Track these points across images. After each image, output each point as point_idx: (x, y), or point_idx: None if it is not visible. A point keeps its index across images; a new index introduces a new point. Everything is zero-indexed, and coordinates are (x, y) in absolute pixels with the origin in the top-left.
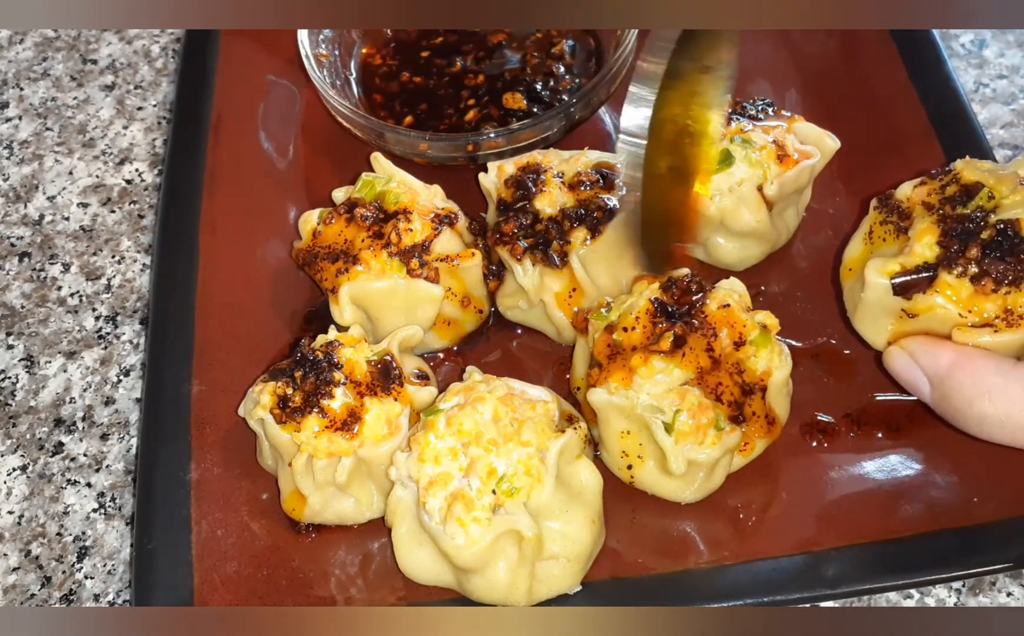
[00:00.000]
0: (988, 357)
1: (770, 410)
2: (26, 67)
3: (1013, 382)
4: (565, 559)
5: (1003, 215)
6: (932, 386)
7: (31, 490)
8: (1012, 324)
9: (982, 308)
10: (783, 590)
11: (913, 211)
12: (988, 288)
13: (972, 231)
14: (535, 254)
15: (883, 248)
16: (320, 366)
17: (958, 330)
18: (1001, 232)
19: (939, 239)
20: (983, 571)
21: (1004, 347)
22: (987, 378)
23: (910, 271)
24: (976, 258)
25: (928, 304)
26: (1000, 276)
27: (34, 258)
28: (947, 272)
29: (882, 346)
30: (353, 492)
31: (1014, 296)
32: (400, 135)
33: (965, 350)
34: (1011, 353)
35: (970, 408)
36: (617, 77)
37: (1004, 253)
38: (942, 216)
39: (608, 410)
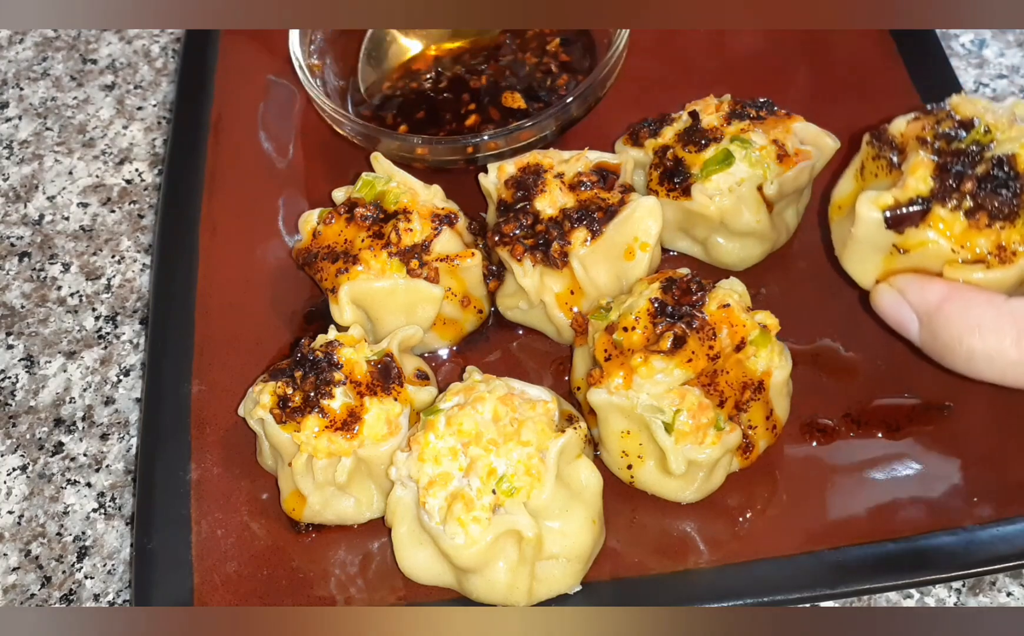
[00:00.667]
0: (978, 291)
1: (770, 410)
2: (26, 67)
3: (1004, 316)
4: (565, 559)
5: (999, 150)
6: (921, 323)
7: (31, 490)
8: (1005, 260)
9: (975, 244)
10: (783, 590)
11: (907, 146)
12: (982, 223)
13: (967, 165)
14: (535, 254)
15: (875, 184)
16: (320, 366)
17: (949, 266)
18: (997, 166)
19: (933, 173)
20: (983, 571)
21: (996, 284)
22: (977, 312)
23: (903, 204)
24: (971, 192)
25: (920, 238)
26: (995, 211)
27: (34, 258)
28: (941, 205)
29: (870, 285)
30: (353, 492)
31: (1008, 232)
32: (399, 141)
33: (955, 285)
34: (1003, 291)
35: (959, 344)
36: (613, 73)
37: (999, 187)
38: (937, 150)
39: (608, 410)
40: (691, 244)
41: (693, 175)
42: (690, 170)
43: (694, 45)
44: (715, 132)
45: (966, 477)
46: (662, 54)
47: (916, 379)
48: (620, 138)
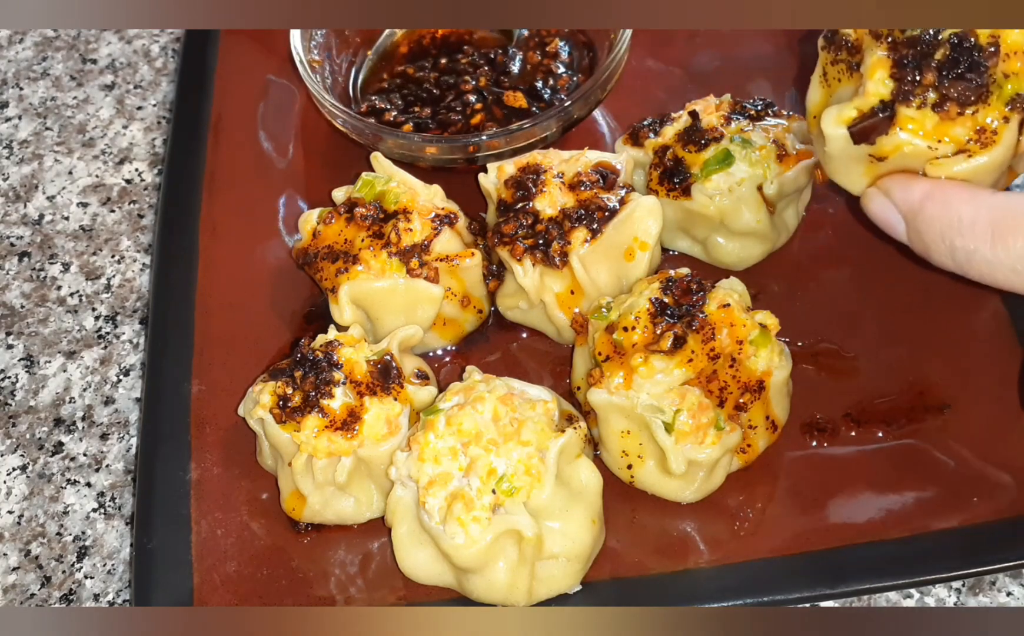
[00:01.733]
0: (961, 187)
1: (770, 410)
2: (26, 67)
3: (981, 211)
4: (565, 559)
5: (954, 28)
6: (906, 223)
7: (31, 490)
8: (986, 143)
9: (952, 135)
10: (783, 590)
11: (862, 43)
12: (953, 112)
13: (924, 53)
14: (535, 254)
15: (839, 90)
16: (320, 366)
17: (931, 164)
18: (955, 47)
19: (891, 71)
20: (983, 571)
21: (982, 171)
22: (958, 208)
23: (866, 115)
24: (933, 83)
25: (894, 144)
26: (962, 96)
27: (34, 258)
28: (905, 106)
29: (861, 191)
30: (353, 492)
31: (983, 111)
32: (399, 139)
33: (937, 182)
34: (991, 176)
35: (942, 242)
36: (614, 75)
37: (963, 70)
38: (892, 44)
39: (608, 410)
40: (691, 244)
41: (693, 175)
42: (690, 170)
43: (694, 45)
44: (715, 132)
45: (966, 477)
46: (662, 54)
47: (916, 379)
48: (620, 138)
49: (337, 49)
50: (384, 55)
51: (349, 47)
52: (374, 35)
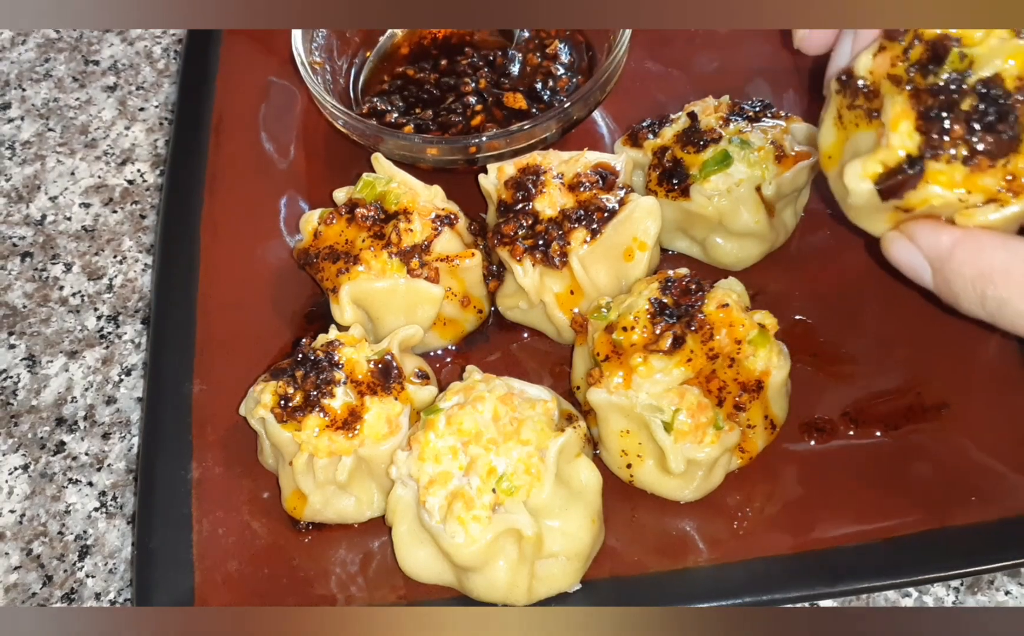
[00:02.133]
0: (991, 235)
1: (768, 409)
2: (28, 68)
3: (1018, 261)
4: (565, 558)
5: (980, 72)
6: (934, 270)
7: (32, 489)
8: (1018, 191)
9: (982, 185)
10: (782, 589)
11: (880, 88)
12: (984, 164)
13: (951, 103)
14: (535, 255)
15: (857, 135)
16: (321, 365)
17: (960, 215)
18: (983, 97)
19: (917, 124)
20: (982, 570)
21: (1014, 220)
22: (991, 256)
23: (894, 171)
24: (963, 136)
25: (923, 197)
26: (994, 149)
27: (36, 258)
28: (935, 161)
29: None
30: (354, 491)
31: (1014, 161)
32: (400, 140)
33: (967, 230)
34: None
35: (973, 290)
36: (613, 76)
37: (993, 121)
38: (914, 92)
39: (608, 409)
40: (690, 244)
41: (692, 176)
42: (689, 171)
43: (693, 46)
44: (713, 133)
45: (965, 477)
46: (661, 55)
47: (915, 379)
48: (619, 139)
49: (338, 50)
50: (385, 56)
51: (350, 48)
52: (375, 36)
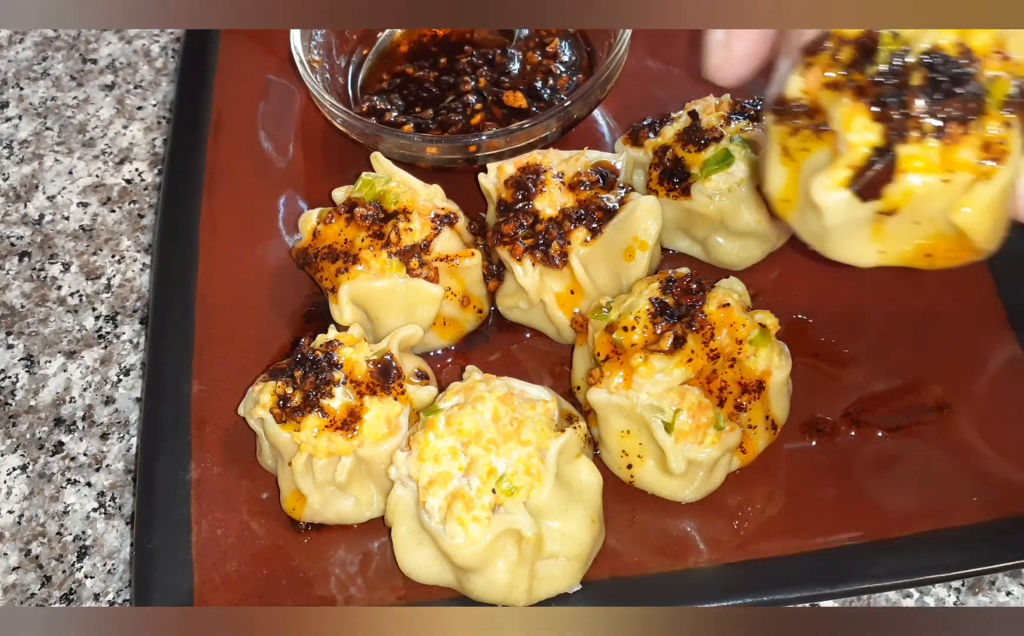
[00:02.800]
0: None
1: (769, 410)
2: (26, 67)
3: None
4: (565, 558)
5: (920, 44)
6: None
7: (31, 489)
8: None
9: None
10: (783, 589)
11: (818, 101)
12: (957, 134)
13: (901, 83)
14: (535, 254)
15: (809, 160)
16: (320, 365)
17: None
18: (931, 66)
19: (872, 115)
20: (983, 570)
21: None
22: None
23: (863, 167)
24: (926, 109)
25: (904, 190)
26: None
27: (34, 258)
28: (904, 144)
29: (874, 260)
30: (353, 491)
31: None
32: (399, 139)
33: None
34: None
35: None
36: (614, 75)
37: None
38: (858, 89)
39: (608, 410)
40: (691, 244)
41: (693, 175)
42: (690, 170)
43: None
44: (715, 132)
45: (966, 477)
46: (662, 54)
47: (916, 379)
48: (620, 138)
49: (337, 49)
50: (384, 55)
51: (349, 47)
52: (374, 34)
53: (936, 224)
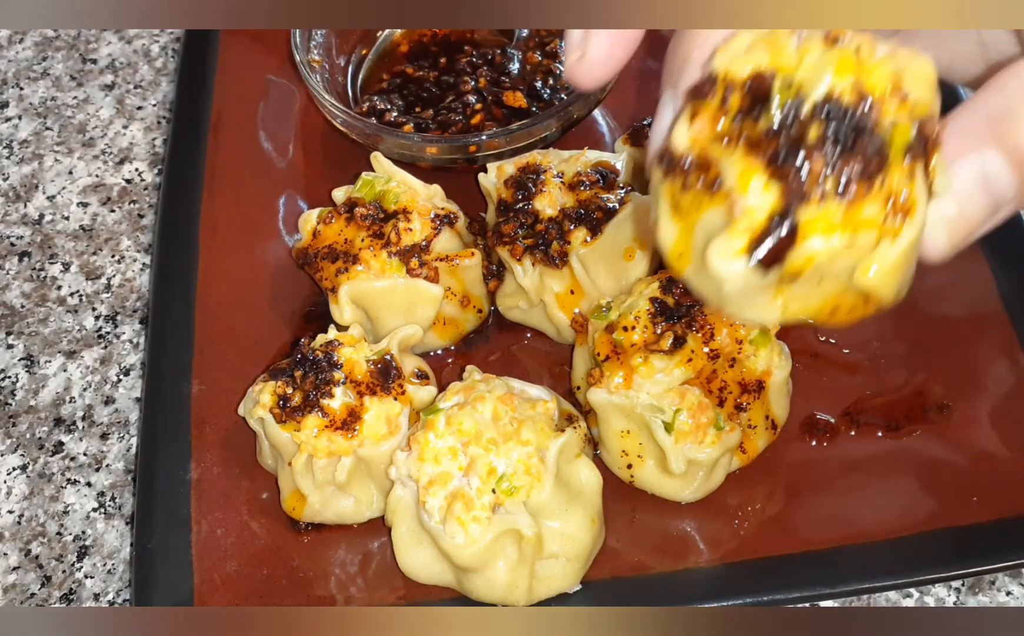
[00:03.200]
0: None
1: (769, 410)
2: (26, 67)
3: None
4: (565, 558)
5: (813, 95)
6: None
7: (31, 489)
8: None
9: (863, 218)
10: (783, 590)
11: (708, 154)
12: (861, 191)
13: (797, 138)
14: (535, 254)
15: (702, 217)
16: (320, 365)
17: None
18: (828, 118)
19: (768, 174)
20: (983, 570)
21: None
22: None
23: (761, 235)
24: (824, 168)
25: (807, 255)
26: (863, 168)
27: (34, 257)
28: (804, 207)
29: (776, 319)
30: (353, 491)
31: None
32: (399, 139)
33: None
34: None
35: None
36: None
37: (850, 138)
38: (750, 143)
39: (608, 409)
40: None
41: None
42: None
43: None
44: None
45: (966, 477)
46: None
47: (916, 379)
48: (620, 138)
49: (337, 48)
50: (384, 54)
51: (349, 46)
52: (374, 35)
53: (841, 281)
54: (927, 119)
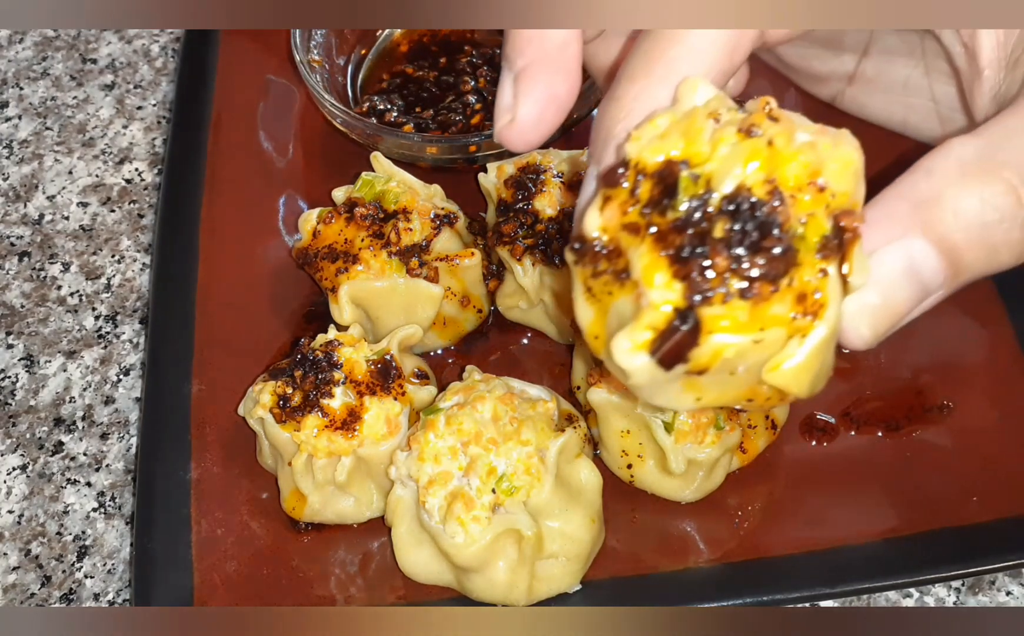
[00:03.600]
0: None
1: (769, 409)
2: (26, 66)
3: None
4: (565, 558)
5: (722, 189)
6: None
7: (31, 489)
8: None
9: (772, 315)
10: (782, 589)
11: (619, 242)
12: (766, 291)
13: (702, 234)
14: (535, 254)
15: (614, 304)
16: (320, 365)
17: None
18: (734, 215)
19: (672, 270)
20: (983, 570)
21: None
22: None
23: (666, 333)
24: (728, 267)
25: (711, 352)
26: (769, 269)
27: (34, 257)
28: (708, 306)
29: (692, 407)
30: (353, 491)
31: (798, 276)
32: (399, 139)
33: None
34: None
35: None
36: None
37: (756, 238)
38: (658, 235)
39: (608, 409)
40: None
41: None
42: None
43: None
44: None
45: (966, 476)
46: None
47: (916, 378)
48: None
49: (337, 48)
50: (384, 54)
51: (349, 47)
52: (373, 35)
53: (753, 375)
54: (845, 212)
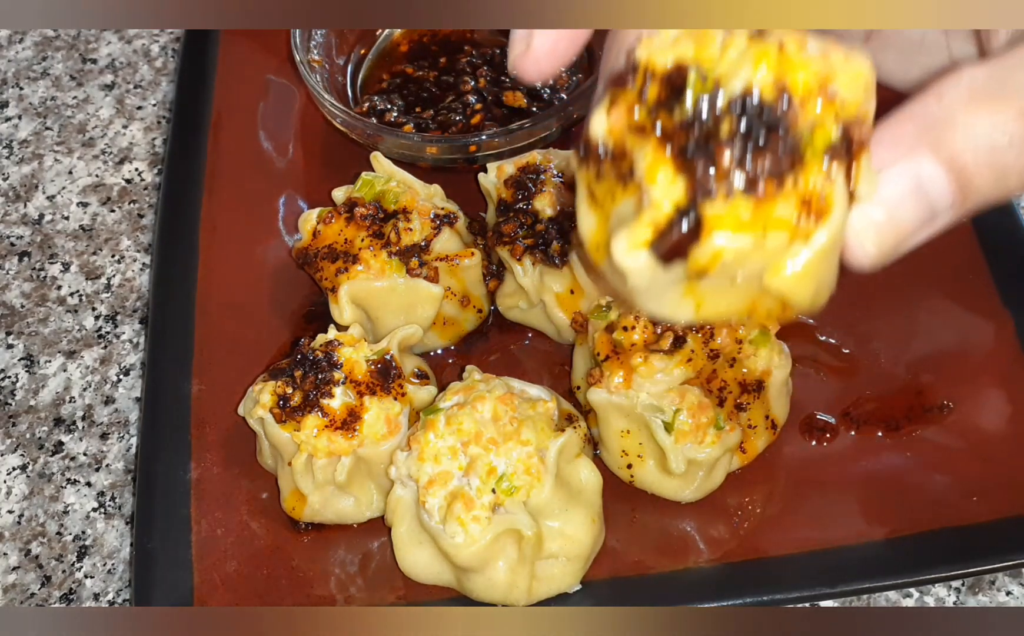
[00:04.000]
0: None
1: (769, 410)
2: (26, 66)
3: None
4: (565, 558)
5: (730, 88)
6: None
7: (31, 489)
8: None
9: (775, 217)
10: (783, 589)
11: (624, 144)
12: (770, 189)
13: (707, 133)
14: (535, 254)
15: (617, 208)
16: (320, 365)
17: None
18: (741, 113)
19: (675, 167)
20: (983, 570)
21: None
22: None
23: (665, 228)
24: (734, 163)
25: (711, 252)
26: (774, 167)
27: (34, 257)
28: (710, 203)
29: (691, 317)
30: (353, 491)
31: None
32: (399, 139)
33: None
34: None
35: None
36: None
37: (762, 135)
38: (663, 135)
39: (608, 409)
40: None
41: None
42: None
43: None
44: None
45: (966, 476)
46: None
47: (916, 378)
48: None
49: (337, 48)
50: (384, 54)
51: (348, 47)
52: (374, 35)
53: (754, 284)
54: (854, 121)
